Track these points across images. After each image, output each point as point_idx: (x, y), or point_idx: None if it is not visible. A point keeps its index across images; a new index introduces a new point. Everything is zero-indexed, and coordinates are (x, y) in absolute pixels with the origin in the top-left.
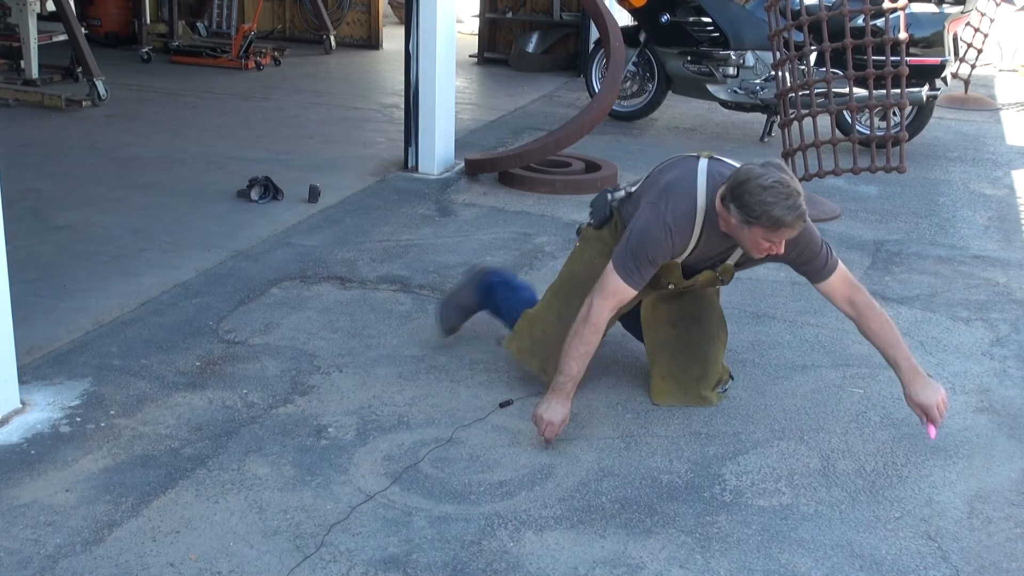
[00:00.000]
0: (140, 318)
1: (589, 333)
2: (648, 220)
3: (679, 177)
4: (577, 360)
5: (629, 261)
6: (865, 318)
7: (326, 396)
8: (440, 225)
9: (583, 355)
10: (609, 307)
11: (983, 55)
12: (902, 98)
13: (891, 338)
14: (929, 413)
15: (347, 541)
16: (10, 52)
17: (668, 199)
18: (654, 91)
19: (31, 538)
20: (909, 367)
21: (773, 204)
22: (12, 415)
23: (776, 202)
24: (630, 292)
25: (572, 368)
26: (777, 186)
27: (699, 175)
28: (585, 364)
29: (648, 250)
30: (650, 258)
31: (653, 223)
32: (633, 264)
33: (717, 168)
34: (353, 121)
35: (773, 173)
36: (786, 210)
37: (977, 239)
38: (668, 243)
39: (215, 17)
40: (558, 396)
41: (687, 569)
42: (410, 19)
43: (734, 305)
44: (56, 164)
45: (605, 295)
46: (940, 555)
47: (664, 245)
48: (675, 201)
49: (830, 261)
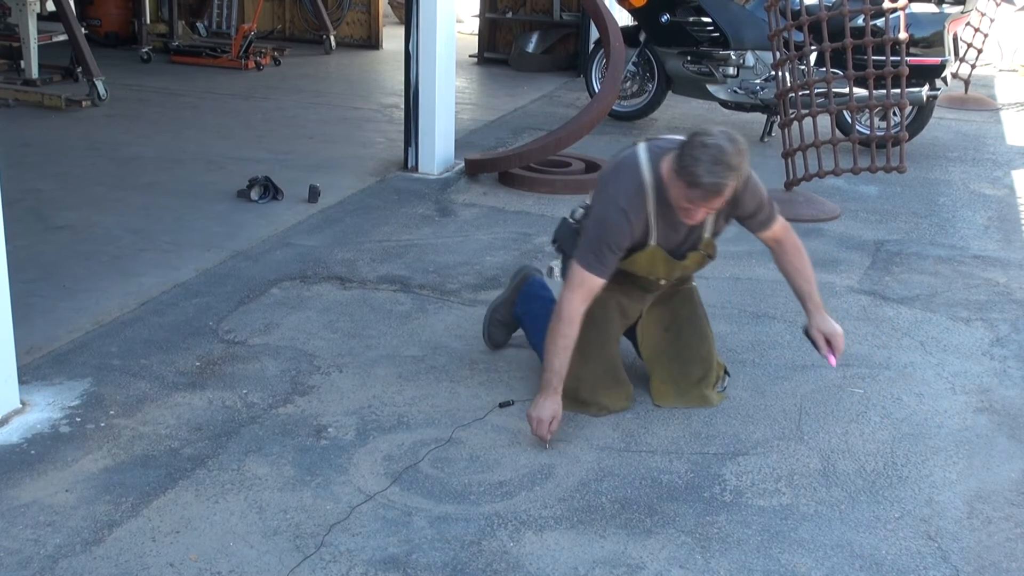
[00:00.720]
0: (140, 318)
1: (564, 326)
2: (601, 208)
3: (621, 162)
4: (558, 355)
5: (589, 252)
6: (788, 253)
7: (326, 396)
8: (440, 225)
9: (563, 349)
10: (579, 298)
11: (983, 55)
12: (902, 98)
13: (807, 274)
14: (833, 339)
15: (347, 541)
16: (10, 52)
17: (615, 184)
18: (654, 91)
19: (31, 538)
20: (817, 303)
21: (699, 162)
22: (12, 415)
23: (703, 162)
24: (597, 282)
25: (555, 364)
26: (713, 149)
27: (639, 155)
28: (567, 358)
29: (606, 236)
30: (610, 244)
31: (606, 209)
32: (595, 253)
33: (654, 145)
34: (353, 121)
35: (721, 140)
36: (707, 173)
37: (977, 239)
38: (626, 225)
39: (215, 17)
40: (545, 393)
41: (687, 569)
42: (410, 19)
43: (734, 305)
44: (56, 164)
45: (572, 287)
46: (940, 555)
47: (622, 227)
48: (622, 183)
49: (770, 218)
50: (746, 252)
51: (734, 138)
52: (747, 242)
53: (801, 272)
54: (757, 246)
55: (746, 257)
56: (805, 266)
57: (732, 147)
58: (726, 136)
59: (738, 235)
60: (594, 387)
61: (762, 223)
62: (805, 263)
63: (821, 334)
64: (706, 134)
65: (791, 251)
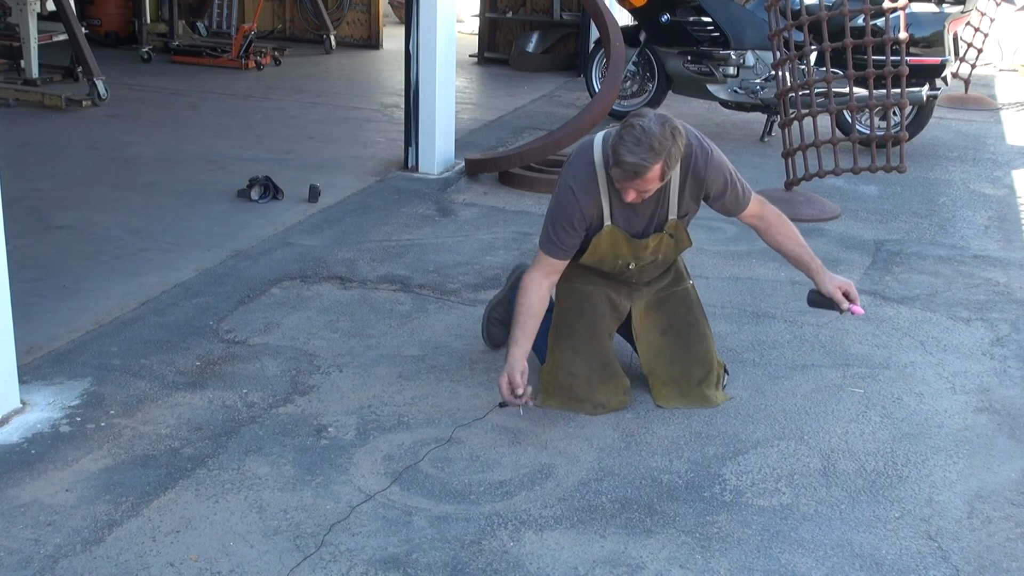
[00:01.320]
0: (140, 318)
1: (521, 296)
2: (557, 192)
3: (579, 146)
4: (516, 324)
5: (547, 231)
6: (773, 226)
7: (326, 396)
8: (440, 225)
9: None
10: (538, 273)
11: (983, 55)
12: (902, 98)
13: (798, 238)
14: (849, 290)
15: (347, 541)
16: (10, 52)
17: (570, 166)
18: (654, 91)
19: (31, 538)
20: (819, 264)
21: (623, 141)
22: (12, 415)
23: (626, 141)
24: (554, 263)
25: (515, 333)
26: (639, 130)
27: (596, 138)
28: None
29: (559, 214)
30: (562, 223)
31: (560, 190)
32: (550, 232)
33: (613, 130)
34: (353, 121)
35: (651, 123)
36: (627, 153)
37: (977, 239)
38: (573, 202)
39: (215, 17)
40: (508, 361)
41: (687, 569)
42: (410, 19)
43: (734, 305)
44: (56, 164)
45: (536, 266)
46: (940, 555)
47: (571, 205)
48: (575, 164)
49: (742, 197)
50: (746, 252)
51: (666, 120)
52: (747, 242)
53: (791, 238)
54: (757, 246)
55: (746, 257)
56: (793, 231)
57: (660, 129)
58: (658, 119)
59: (738, 235)
60: (589, 381)
61: (736, 203)
62: (792, 229)
63: (837, 289)
64: (639, 115)
65: (775, 222)
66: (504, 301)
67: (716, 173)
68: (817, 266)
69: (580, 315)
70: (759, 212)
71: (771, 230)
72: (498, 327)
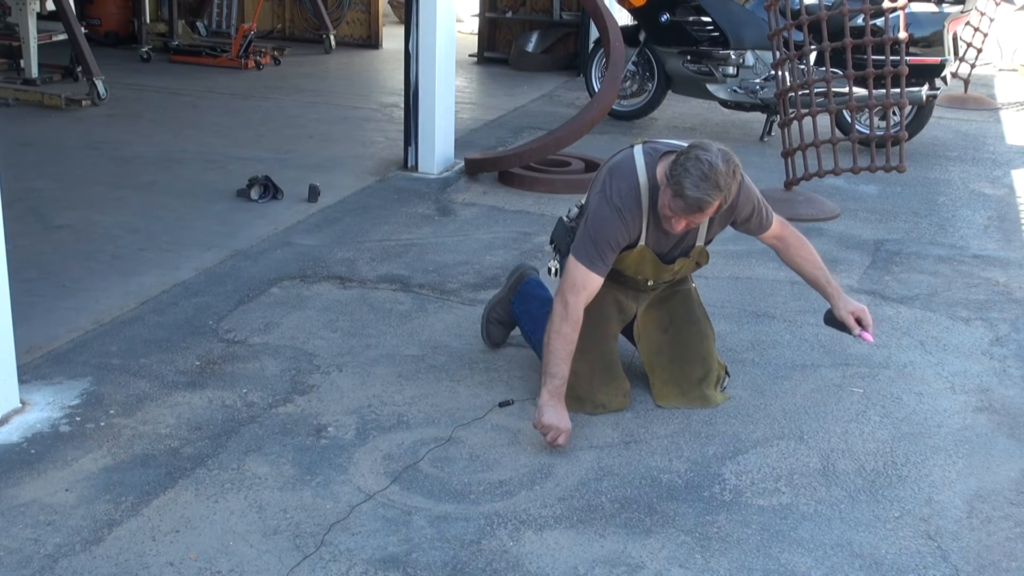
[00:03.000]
0: (140, 317)
1: (572, 331)
2: (598, 206)
3: (618, 163)
4: (566, 361)
5: (589, 249)
6: (792, 247)
7: (326, 396)
8: (440, 224)
9: (569, 354)
10: (582, 301)
11: (983, 54)
12: (902, 98)
13: (817, 262)
14: (863, 317)
15: (347, 540)
16: (10, 51)
17: (612, 183)
18: (654, 91)
19: (31, 537)
20: (836, 287)
21: (688, 175)
22: (12, 414)
23: (692, 175)
24: (597, 280)
25: (564, 370)
26: (705, 166)
27: (636, 157)
28: (570, 362)
29: (603, 234)
30: (607, 241)
31: (603, 208)
32: (594, 251)
33: (651, 147)
34: (353, 120)
35: (715, 158)
36: (693, 188)
37: (977, 239)
38: (622, 224)
39: (215, 16)
40: (558, 399)
41: (687, 569)
42: (410, 18)
43: (734, 305)
44: (56, 164)
45: (576, 289)
46: (940, 555)
47: (618, 225)
48: (618, 183)
49: (765, 220)
50: (746, 252)
51: (729, 158)
52: (747, 242)
53: (810, 261)
54: (757, 246)
55: (746, 257)
56: (812, 254)
57: (725, 167)
58: (722, 155)
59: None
60: (591, 382)
61: (759, 226)
62: (811, 251)
63: (850, 315)
64: (703, 148)
65: (795, 244)
66: (504, 301)
67: (746, 200)
68: (834, 289)
69: (587, 315)
70: (780, 233)
71: (790, 252)
72: (497, 327)
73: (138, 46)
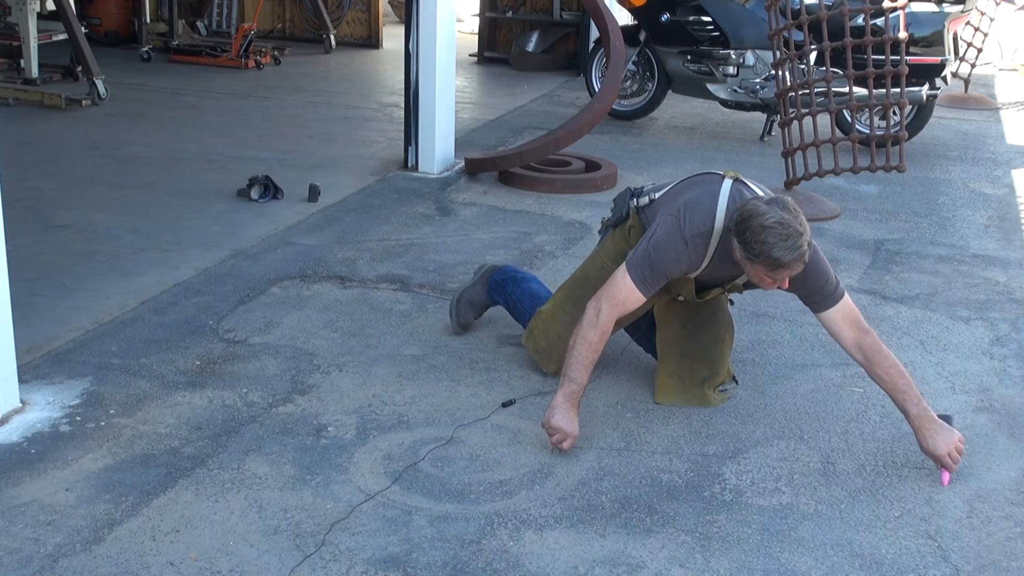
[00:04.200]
0: (140, 317)
1: (599, 340)
2: (667, 233)
3: (701, 195)
4: (588, 368)
5: (645, 269)
6: (873, 363)
7: (326, 395)
8: (440, 224)
9: (592, 363)
10: (617, 314)
11: (983, 54)
12: (902, 97)
13: (900, 383)
14: (943, 462)
15: (347, 540)
16: (10, 51)
17: (688, 215)
18: (654, 90)
19: (31, 537)
20: (919, 413)
21: (772, 245)
22: (12, 414)
23: (776, 243)
24: (640, 299)
25: (584, 377)
26: (777, 227)
27: (721, 197)
28: (591, 363)
29: (663, 262)
30: (664, 270)
31: (672, 236)
32: (649, 273)
33: (739, 191)
34: (353, 120)
35: (775, 212)
36: (785, 251)
37: (977, 238)
38: (684, 258)
39: (215, 16)
40: (572, 404)
41: (687, 568)
42: (410, 18)
43: (734, 305)
44: (56, 164)
45: (615, 302)
46: (940, 554)
47: (680, 259)
48: (694, 219)
49: (837, 291)
50: None
51: (785, 203)
52: None
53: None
54: None
55: None
56: (895, 375)
57: (790, 214)
58: (779, 205)
59: None
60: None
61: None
62: (894, 371)
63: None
64: (760, 213)
65: (875, 359)
66: (477, 285)
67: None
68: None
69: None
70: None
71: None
72: (468, 307)
73: (138, 46)
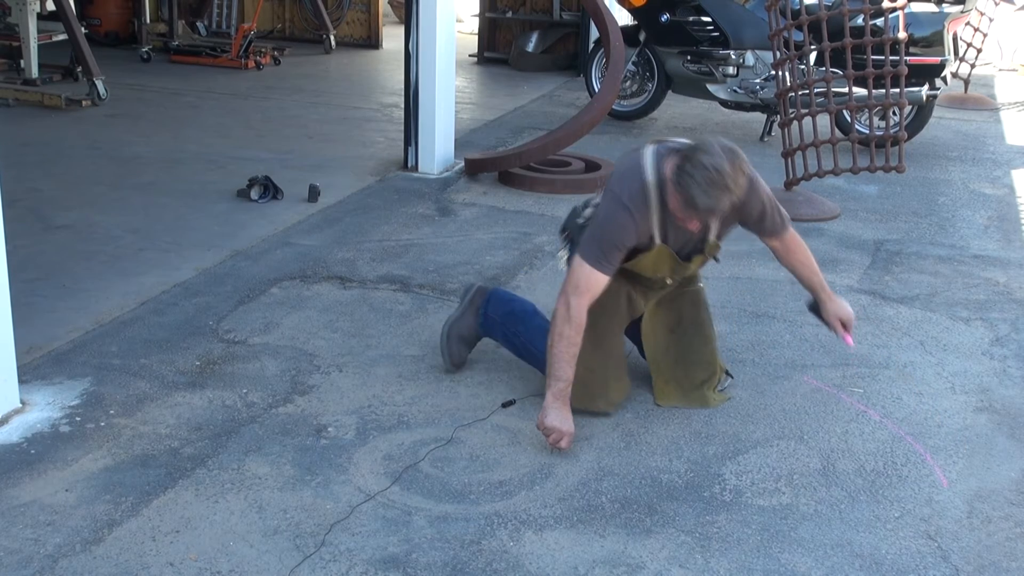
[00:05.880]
0: (140, 318)
1: (575, 333)
2: (606, 207)
3: (627, 164)
4: (570, 363)
5: (595, 249)
6: (792, 251)
7: (326, 396)
8: (440, 225)
9: (573, 356)
10: (586, 302)
11: (983, 54)
12: (901, 98)
13: (814, 267)
14: (848, 323)
15: (347, 541)
16: (10, 52)
17: (620, 183)
18: (654, 91)
19: (31, 538)
20: (829, 291)
21: (696, 184)
22: (12, 414)
23: (699, 184)
24: (602, 281)
25: (569, 373)
26: (712, 171)
27: (645, 156)
28: (574, 359)
29: (611, 234)
30: (615, 242)
31: (611, 208)
32: (600, 251)
33: (662, 147)
34: (353, 120)
35: (720, 160)
36: (703, 196)
37: (977, 239)
38: (630, 224)
39: (215, 17)
40: (563, 402)
41: (687, 569)
42: (410, 19)
43: (734, 305)
44: (56, 164)
45: (580, 291)
46: (940, 555)
47: (627, 226)
48: (627, 183)
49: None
50: (746, 252)
51: (734, 154)
52: (747, 242)
53: (807, 265)
54: (757, 246)
55: (746, 257)
56: (809, 258)
57: (731, 166)
58: (727, 153)
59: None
60: (605, 377)
61: (772, 230)
62: (809, 256)
63: (837, 321)
64: (706, 151)
65: (795, 248)
66: (467, 316)
67: (755, 198)
68: (826, 294)
69: (603, 309)
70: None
71: (789, 256)
72: (459, 344)
73: (138, 46)
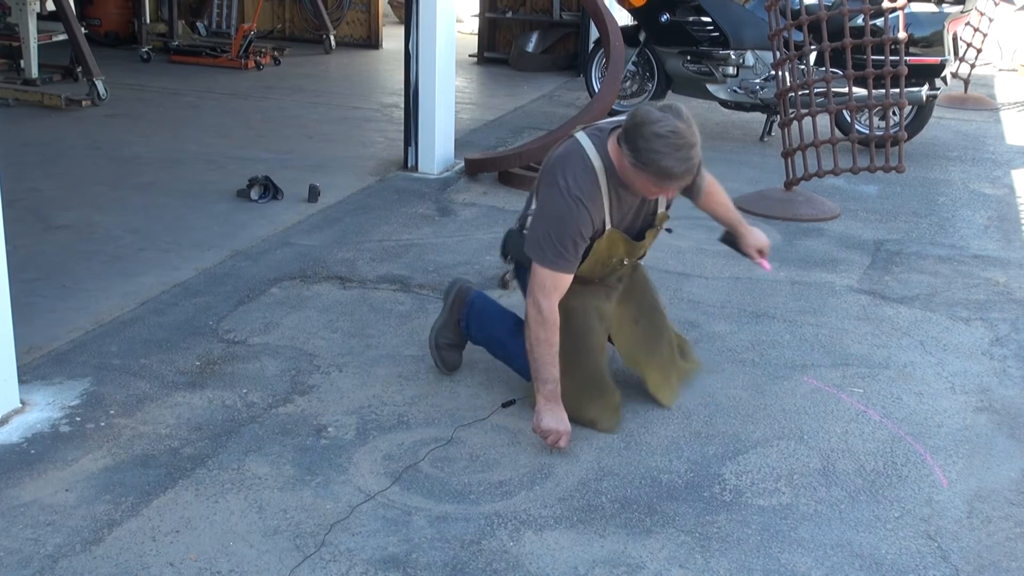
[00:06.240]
0: (140, 318)
1: (551, 334)
2: (555, 201)
3: (565, 152)
4: (553, 363)
5: (551, 248)
6: (713, 195)
7: (326, 396)
8: (440, 225)
9: (555, 357)
10: (555, 300)
11: (983, 55)
12: (901, 98)
13: (730, 204)
14: (764, 250)
15: (347, 541)
16: (10, 52)
17: (564, 173)
18: (654, 91)
19: (31, 538)
20: (744, 224)
21: (664, 154)
22: (12, 415)
23: (667, 153)
24: (567, 278)
25: (554, 373)
26: (671, 135)
27: (582, 141)
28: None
29: (567, 228)
30: (572, 235)
31: (561, 201)
32: (558, 248)
33: (592, 130)
34: (353, 120)
35: (669, 120)
36: (676, 161)
37: (977, 239)
38: (584, 212)
39: (215, 17)
40: (554, 403)
41: (687, 569)
42: (410, 19)
43: (734, 305)
44: (56, 164)
45: (547, 291)
46: (940, 555)
47: (581, 215)
48: (571, 170)
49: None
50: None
51: (676, 110)
52: None
53: (724, 204)
54: None
55: (746, 257)
56: (726, 200)
57: (682, 123)
58: (671, 112)
59: None
60: (579, 399)
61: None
62: (725, 198)
63: (755, 252)
64: (652, 120)
65: (715, 191)
66: (450, 324)
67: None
68: (744, 228)
69: (568, 332)
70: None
71: (711, 200)
72: (450, 351)
73: (138, 46)
